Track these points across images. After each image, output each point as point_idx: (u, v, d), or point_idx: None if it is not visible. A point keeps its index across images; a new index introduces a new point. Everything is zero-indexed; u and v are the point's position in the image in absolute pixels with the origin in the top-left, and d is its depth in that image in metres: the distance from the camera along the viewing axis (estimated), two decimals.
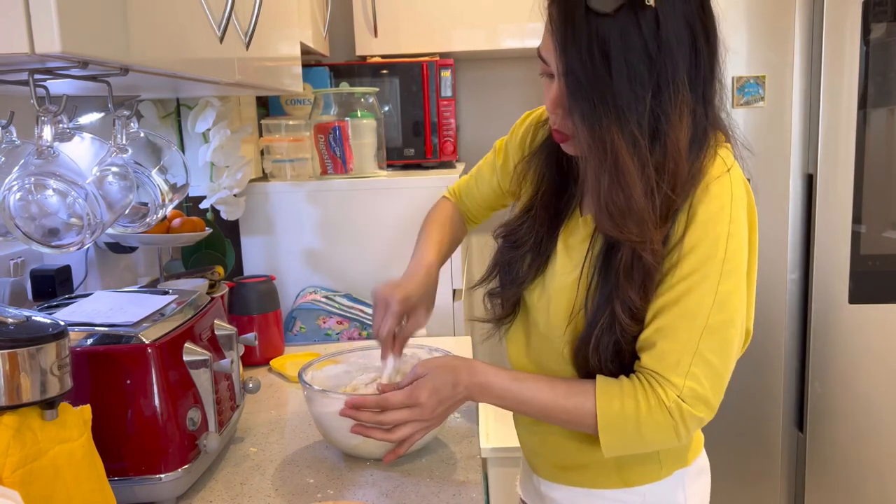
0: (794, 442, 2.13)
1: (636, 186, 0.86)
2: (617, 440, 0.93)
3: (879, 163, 1.96)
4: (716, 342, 0.89)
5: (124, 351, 0.98)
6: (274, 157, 1.96)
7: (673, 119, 0.87)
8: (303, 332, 1.79)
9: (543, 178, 1.08)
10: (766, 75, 1.96)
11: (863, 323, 2.02)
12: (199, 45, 1.01)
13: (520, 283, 1.05)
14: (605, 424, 0.92)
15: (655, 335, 0.91)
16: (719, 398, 0.92)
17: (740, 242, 0.90)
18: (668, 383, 0.89)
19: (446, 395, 0.99)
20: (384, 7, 2.25)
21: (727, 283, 0.89)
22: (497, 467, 1.96)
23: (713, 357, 0.89)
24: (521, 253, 1.06)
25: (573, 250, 1.00)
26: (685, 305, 0.89)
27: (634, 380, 0.92)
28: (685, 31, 0.86)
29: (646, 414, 0.90)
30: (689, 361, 0.89)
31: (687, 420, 0.90)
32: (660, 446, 0.97)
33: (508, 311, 1.09)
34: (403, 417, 1.01)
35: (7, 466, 0.75)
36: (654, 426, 0.90)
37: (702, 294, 0.89)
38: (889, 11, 1.90)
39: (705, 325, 0.89)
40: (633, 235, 0.87)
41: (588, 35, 0.84)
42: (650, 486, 1.03)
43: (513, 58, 2.58)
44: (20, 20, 0.64)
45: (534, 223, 1.05)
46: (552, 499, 1.12)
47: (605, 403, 0.92)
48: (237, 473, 1.14)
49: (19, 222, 0.90)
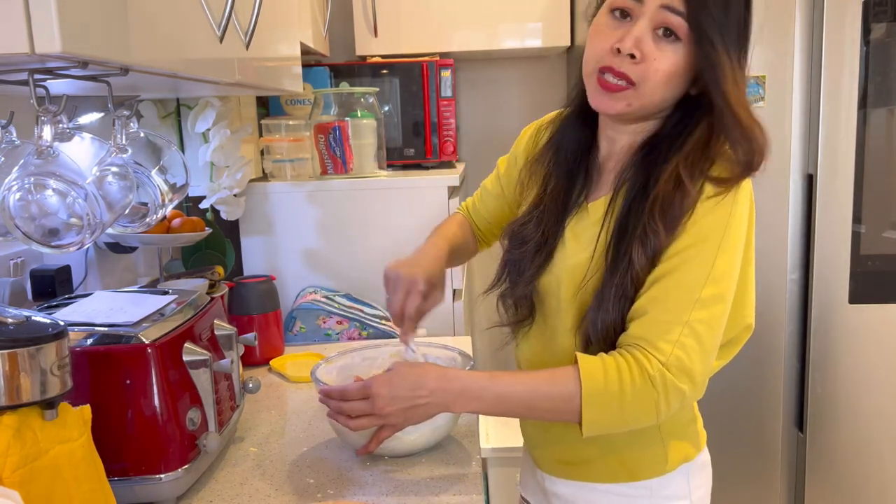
0: (794, 442, 2.13)
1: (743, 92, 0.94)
2: (598, 416, 0.92)
3: (879, 163, 1.96)
4: (706, 315, 0.91)
5: (124, 351, 0.98)
6: (274, 157, 1.96)
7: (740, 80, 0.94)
8: (303, 332, 1.79)
9: (551, 175, 1.09)
10: (766, 75, 1.96)
11: (863, 323, 2.02)
12: (199, 45, 1.01)
13: (529, 277, 1.06)
14: (589, 401, 0.91)
15: (648, 304, 0.92)
16: (705, 376, 0.93)
17: (740, 225, 0.94)
18: (654, 349, 0.90)
19: (402, 394, 0.98)
20: (384, 7, 2.25)
21: (723, 259, 0.92)
22: (497, 467, 1.96)
23: (702, 329, 0.91)
24: (529, 249, 1.06)
25: (582, 235, 1.02)
26: (679, 277, 0.91)
27: (615, 355, 0.93)
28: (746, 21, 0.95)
29: (629, 386, 0.90)
30: (678, 331, 0.90)
31: (669, 392, 0.90)
32: (638, 424, 0.95)
33: (525, 313, 1.09)
34: (359, 408, 1.01)
35: (7, 466, 0.75)
36: (636, 399, 0.90)
37: (697, 266, 0.91)
38: (889, 11, 1.90)
39: (698, 297, 0.91)
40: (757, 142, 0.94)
41: None
42: (656, 480, 1.04)
43: (513, 58, 2.58)
44: (20, 20, 0.64)
45: (542, 218, 1.07)
46: (556, 494, 1.12)
47: (587, 378, 0.91)
48: (237, 473, 1.14)
49: (19, 222, 0.90)
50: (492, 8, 2.25)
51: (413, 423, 1.01)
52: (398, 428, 1.03)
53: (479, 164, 2.64)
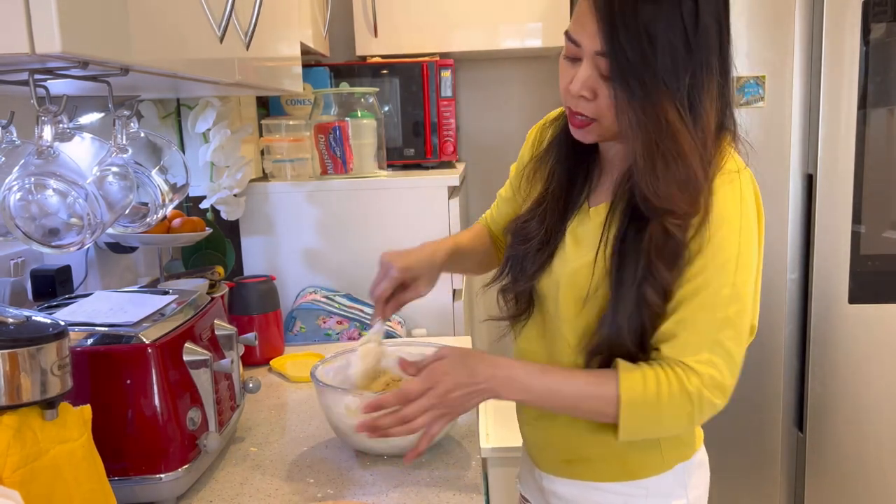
0: (794, 442, 2.13)
1: (694, 155, 0.90)
2: (636, 424, 0.95)
3: (879, 163, 1.96)
4: (733, 332, 0.94)
5: (124, 351, 0.98)
6: (274, 157, 1.96)
7: (706, 102, 0.92)
8: (303, 332, 1.79)
9: (554, 174, 1.10)
10: (766, 75, 1.96)
11: (863, 323, 2.02)
12: (199, 45, 1.01)
13: (530, 275, 1.07)
14: (628, 410, 0.94)
15: (676, 327, 0.94)
16: (733, 386, 0.96)
17: (751, 236, 0.95)
18: (691, 370, 0.93)
19: (463, 380, 0.97)
20: (384, 7, 2.25)
21: (741, 274, 0.93)
22: (497, 467, 1.96)
23: (731, 345, 0.94)
24: (531, 247, 1.07)
25: (583, 239, 1.03)
26: (703, 299, 0.93)
27: (656, 366, 0.95)
28: (714, 24, 0.91)
29: (667, 398, 0.93)
30: (710, 350, 0.93)
31: (704, 406, 0.93)
32: (671, 432, 1.00)
33: (524, 307, 1.11)
34: (422, 406, 0.97)
35: (7, 466, 0.75)
36: (674, 411, 0.93)
37: (719, 286, 0.93)
38: (889, 11, 1.90)
39: (724, 316, 0.93)
40: (685, 206, 0.90)
41: (635, 18, 0.87)
42: (653, 479, 1.05)
43: (513, 58, 2.58)
44: (20, 20, 0.64)
45: (544, 216, 1.07)
46: (555, 493, 1.12)
47: (628, 388, 0.94)
48: (237, 473, 1.14)
49: (19, 222, 0.90)
50: (492, 8, 2.25)
51: (467, 410, 1.00)
52: (454, 417, 1.01)
53: (479, 164, 2.64)
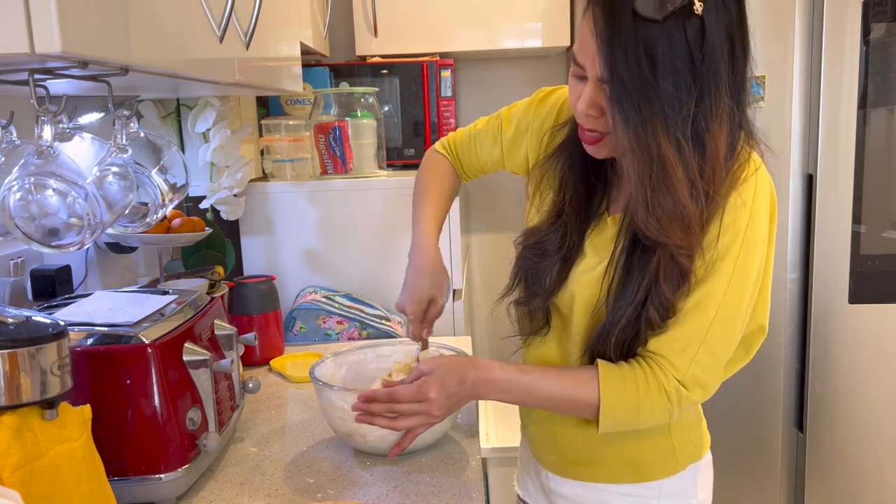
0: (794, 442, 2.13)
1: (683, 190, 0.87)
2: (614, 422, 0.97)
3: (879, 163, 1.96)
4: (722, 332, 0.94)
5: (124, 351, 0.98)
6: (274, 157, 1.96)
7: (713, 126, 0.87)
8: (303, 332, 1.79)
9: (568, 183, 1.06)
10: (766, 75, 1.96)
11: (863, 323, 2.02)
12: (199, 45, 1.01)
13: (550, 291, 1.04)
14: (607, 410, 0.96)
15: (667, 322, 0.94)
16: (717, 384, 0.97)
17: (755, 240, 0.94)
18: (671, 366, 0.93)
19: (454, 390, 1.00)
20: (384, 7, 2.25)
21: (739, 277, 0.93)
22: (497, 467, 1.96)
23: (718, 346, 0.94)
24: (551, 261, 1.04)
25: (599, 248, 1.02)
26: (698, 296, 0.93)
27: (634, 365, 0.95)
28: (726, 40, 0.86)
29: (644, 398, 0.94)
30: (695, 349, 0.93)
31: (683, 403, 0.95)
32: (649, 425, 1.00)
33: (541, 324, 1.08)
34: (412, 410, 1.01)
35: (7, 466, 0.75)
36: (651, 409, 0.95)
37: (715, 287, 0.93)
38: (889, 11, 1.90)
39: (715, 316, 0.93)
40: (678, 240, 0.89)
41: (635, 40, 0.83)
42: (666, 481, 1.05)
43: (513, 58, 2.58)
44: (20, 20, 0.64)
45: (565, 230, 1.04)
46: (561, 495, 1.11)
47: (607, 390, 0.95)
48: (237, 473, 1.14)
49: (19, 222, 0.90)
50: (492, 8, 2.25)
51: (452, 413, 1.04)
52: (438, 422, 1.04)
53: None
